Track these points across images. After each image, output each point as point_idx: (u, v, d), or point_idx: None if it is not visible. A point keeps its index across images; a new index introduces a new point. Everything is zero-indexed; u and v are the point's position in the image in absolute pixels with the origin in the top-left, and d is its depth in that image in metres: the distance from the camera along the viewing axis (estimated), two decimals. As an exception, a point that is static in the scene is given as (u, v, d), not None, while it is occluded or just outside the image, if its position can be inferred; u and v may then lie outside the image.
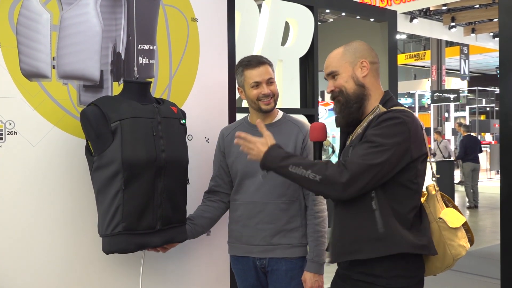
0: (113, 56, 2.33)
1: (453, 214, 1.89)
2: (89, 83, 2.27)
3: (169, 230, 2.18)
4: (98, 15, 2.29)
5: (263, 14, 4.66)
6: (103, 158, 2.05)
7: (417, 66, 24.85)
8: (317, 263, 2.30)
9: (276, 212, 2.32)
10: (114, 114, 2.06)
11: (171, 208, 2.17)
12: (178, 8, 2.54)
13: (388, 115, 1.77)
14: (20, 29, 2.10)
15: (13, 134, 2.08)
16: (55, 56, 2.17)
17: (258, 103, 2.33)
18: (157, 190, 2.11)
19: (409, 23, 15.87)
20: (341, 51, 1.95)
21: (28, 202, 2.11)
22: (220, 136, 2.51)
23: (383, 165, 1.71)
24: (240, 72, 2.37)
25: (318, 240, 2.31)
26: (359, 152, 1.74)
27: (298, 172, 1.77)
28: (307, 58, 4.62)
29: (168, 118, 2.19)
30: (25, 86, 2.11)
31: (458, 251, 1.85)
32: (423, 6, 13.84)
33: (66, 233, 2.20)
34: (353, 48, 1.94)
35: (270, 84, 2.34)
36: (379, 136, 1.74)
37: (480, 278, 4.41)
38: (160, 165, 2.10)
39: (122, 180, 2.03)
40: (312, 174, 1.74)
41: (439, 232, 1.85)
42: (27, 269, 2.10)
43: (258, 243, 2.34)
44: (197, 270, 2.59)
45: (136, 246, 2.10)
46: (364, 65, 1.91)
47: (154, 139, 2.10)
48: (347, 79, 1.90)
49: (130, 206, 2.05)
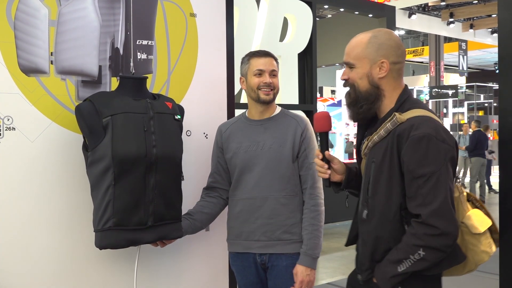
0: (111, 51, 2.32)
1: (478, 218, 1.76)
2: (87, 79, 2.26)
3: (162, 227, 2.16)
4: (96, 10, 2.28)
5: (261, 9, 4.66)
6: (96, 153, 2.05)
7: (415, 62, 24.84)
8: (310, 256, 2.28)
9: (276, 207, 2.31)
10: (106, 109, 2.06)
11: (164, 204, 2.15)
12: (177, 3, 2.53)
13: (415, 136, 1.64)
14: (18, 24, 2.09)
15: (11, 129, 2.07)
16: (53, 52, 2.16)
17: (257, 92, 2.33)
18: (148, 186, 2.10)
19: (407, 18, 15.84)
20: (365, 41, 1.79)
21: (27, 197, 2.11)
22: (217, 132, 2.50)
23: (447, 190, 1.62)
24: (246, 60, 2.39)
25: (313, 234, 2.29)
26: (417, 195, 1.64)
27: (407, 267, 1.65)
28: (305, 53, 4.62)
29: (161, 114, 2.18)
30: (23, 81, 2.10)
31: (480, 257, 1.74)
32: (422, 1, 13.83)
33: (63, 228, 2.20)
34: (378, 43, 1.78)
35: (273, 77, 2.35)
36: (421, 166, 1.63)
37: (478, 274, 4.41)
38: (151, 161, 2.09)
39: (113, 176, 2.03)
40: (416, 255, 1.63)
41: (462, 236, 1.73)
42: (24, 263, 2.10)
43: (258, 239, 2.33)
44: (195, 266, 2.59)
45: (127, 241, 2.09)
46: (383, 65, 1.77)
47: (145, 135, 2.09)
48: (361, 76, 1.79)
49: (120, 201, 2.04)
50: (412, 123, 1.67)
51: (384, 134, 1.73)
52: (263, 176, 2.32)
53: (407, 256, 1.64)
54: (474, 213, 1.76)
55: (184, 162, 2.33)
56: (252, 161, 2.32)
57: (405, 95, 1.80)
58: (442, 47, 20.85)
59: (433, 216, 1.60)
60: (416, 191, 1.64)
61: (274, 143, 2.34)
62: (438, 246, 1.62)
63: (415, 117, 1.69)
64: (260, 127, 2.38)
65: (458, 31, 18.04)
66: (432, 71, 20.64)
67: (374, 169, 1.75)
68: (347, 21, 10.05)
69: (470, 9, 16.25)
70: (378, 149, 1.75)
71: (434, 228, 1.60)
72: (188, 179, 2.49)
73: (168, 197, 2.17)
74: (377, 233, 1.74)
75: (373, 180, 1.76)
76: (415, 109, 1.74)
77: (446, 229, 1.60)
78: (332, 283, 5.04)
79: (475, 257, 1.74)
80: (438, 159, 1.63)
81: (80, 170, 2.20)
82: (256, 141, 2.36)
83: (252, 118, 2.42)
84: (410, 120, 1.68)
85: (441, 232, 1.60)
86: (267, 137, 2.35)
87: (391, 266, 1.68)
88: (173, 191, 2.21)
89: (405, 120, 1.69)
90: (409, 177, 1.66)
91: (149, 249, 2.34)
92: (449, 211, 1.62)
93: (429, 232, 1.61)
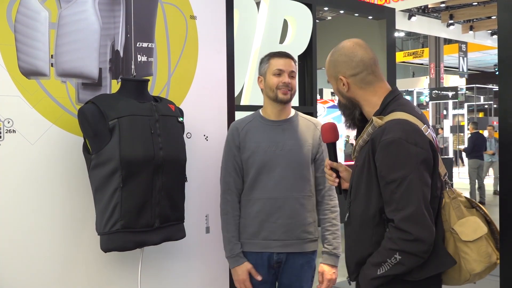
0: (111, 54, 2.32)
1: (471, 224, 1.70)
2: (87, 81, 2.26)
3: (167, 228, 2.19)
4: (96, 13, 2.28)
5: (261, 11, 4.66)
6: (101, 156, 2.05)
7: (415, 63, 24.85)
8: (335, 255, 2.38)
9: (296, 207, 2.35)
10: (112, 112, 2.06)
11: (169, 206, 2.17)
12: (177, 6, 2.53)
13: (385, 140, 1.64)
14: (18, 27, 2.09)
15: (12, 132, 2.07)
16: (54, 54, 2.17)
17: (276, 92, 2.36)
18: (155, 188, 2.11)
19: (407, 20, 15.85)
20: (327, 61, 1.87)
21: (27, 200, 2.10)
22: (233, 130, 2.46)
23: (419, 195, 1.60)
24: (266, 60, 2.42)
25: (336, 234, 2.39)
26: (391, 200, 1.63)
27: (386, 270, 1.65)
28: (305, 56, 4.62)
29: (166, 116, 2.19)
30: (23, 84, 2.10)
31: (473, 266, 1.67)
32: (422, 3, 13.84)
33: (64, 231, 2.19)
34: (333, 61, 1.84)
35: (292, 78, 2.39)
36: (392, 171, 1.62)
37: (478, 276, 4.40)
38: (158, 163, 2.10)
39: (120, 178, 2.03)
40: (393, 258, 1.63)
41: (454, 243, 1.69)
42: (26, 267, 2.10)
43: (278, 238, 2.35)
44: (197, 268, 2.59)
45: (134, 244, 2.10)
46: (342, 81, 1.81)
47: (152, 137, 2.10)
48: (336, 91, 1.87)
49: (128, 204, 2.05)
50: (384, 127, 1.66)
51: (367, 138, 1.75)
52: (284, 177, 2.35)
53: (385, 260, 1.65)
54: (470, 220, 1.71)
55: (184, 164, 2.34)
56: (272, 162, 2.34)
57: (390, 97, 1.78)
58: (442, 49, 20.86)
59: (405, 222, 1.60)
60: (390, 196, 1.64)
61: (294, 144, 2.38)
62: (412, 251, 1.61)
63: (390, 120, 1.68)
64: (278, 127, 2.40)
65: (458, 33, 18.05)
66: (432, 73, 20.64)
67: (356, 173, 1.78)
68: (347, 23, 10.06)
69: (470, 11, 16.26)
70: (361, 154, 1.78)
71: (407, 233, 1.60)
72: (189, 181, 2.49)
73: (173, 198, 2.19)
74: (358, 236, 1.76)
75: (355, 184, 1.78)
76: (397, 111, 1.72)
77: (419, 235, 1.59)
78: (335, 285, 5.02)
79: (467, 266, 1.67)
80: (408, 163, 1.61)
81: (80, 172, 2.20)
82: (276, 142, 2.38)
83: (268, 118, 2.43)
84: (385, 124, 1.68)
85: (414, 237, 1.59)
86: (286, 138, 2.38)
87: (371, 269, 1.70)
88: (178, 192, 2.23)
89: (383, 124, 1.69)
90: (382, 182, 1.66)
91: (152, 250, 2.34)
92: (422, 217, 1.60)
93: (402, 237, 1.61)
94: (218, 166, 2.52)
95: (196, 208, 2.57)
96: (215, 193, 2.56)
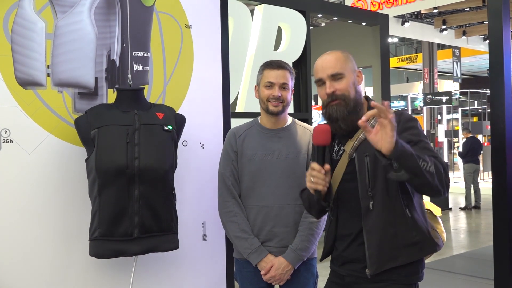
0: (107, 63, 2.34)
1: (431, 204, 2.06)
2: (84, 91, 2.28)
3: (150, 239, 2.14)
4: (92, 22, 2.30)
5: (255, 19, 4.68)
6: (88, 165, 2.12)
7: (409, 69, 24.93)
8: (298, 255, 2.30)
9: (292, 215, 2.34)
10: (96, 122, 2.09)
11: (150, 216, 2.12)
12: (172, 15, 2.56)
13: (408, 116, 1.89)
14: (14, 37, 2.11)
15: (9, 142, 2.09)
16: (50, 64, 2.18)
17: (267, 104, 2.36)
18: (132, 198, 2.09)
19: (400, 26, 15.92)
20: (343, 56, 1.93)
21: (24, 209, 2.11)
22: (231, 136, 2.45)
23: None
24: (261, 70, 2.41)
25: (308, 237, 2.32)
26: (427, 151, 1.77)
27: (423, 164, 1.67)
28: (300, 62, 4.65)
29: (148, 125, 2.16)
30: (20, 94, 2.12)
31: (443, 236, 1.96)
32: (414, 9, 13.90)
33: (61, 239, 2.20)
34: (348, 56, 1.96)
35: (283, 89, 2.36)
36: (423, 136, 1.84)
37: (474, 279, 4.43)
38: (133, 173, 2.08)
39: (97, 187, 2.06)
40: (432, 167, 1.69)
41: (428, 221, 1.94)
42: (21, 274, 2.11)
43: (274, 245, 2.34)
44: (193, 277, 2.59)
45: (113, 252, 2.10)
46: (359, 75, 1.97)
47: (128, 147, 2.09)
48: (350, 85, 1.90)
49: (104, 212, 2.07)
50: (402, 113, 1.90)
51: (363, 138, 1.85)
52: (280, 185, 2.34)
53: (426, 161, 1.68)
54: (427, 202, 2.03)
55: (180, 172, 2.34)
56: (268, 170, 2.33)
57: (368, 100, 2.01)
58: (436, 54, 20.94)
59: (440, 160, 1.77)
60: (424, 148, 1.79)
61: (290, 152, 2.37)
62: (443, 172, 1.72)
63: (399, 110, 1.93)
64: (274, 136, 2.40)
65: (451, 38, 18.12)
66: (426, 78, 20.71)
67: (370, 161, 1.83)
68: (341, 30, 10.11)
69: (463, 16, 16.33)
70: (369, 143, 1.73)
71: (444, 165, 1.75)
72: (185, 189, 2.50)
73: (154, 208, 2.14)
74: (385, 217, 1.82)
75: (371, 172, 1.84)
76: None
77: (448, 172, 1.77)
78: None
79: (442, 236, 1.95)
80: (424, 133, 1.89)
81: (77, 181, 2.21)
82: (272, 150, 2.38)
83: (265, 126, 2.44)
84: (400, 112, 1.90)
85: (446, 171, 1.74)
86: (282, 146, 2.38)
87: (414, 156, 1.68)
88: (160, 203, 2.16)
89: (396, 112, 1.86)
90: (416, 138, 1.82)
91: (147, 259, 2.35)
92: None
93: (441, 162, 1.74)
94: (214, 173, 2.49)
95: (193, 215, 2.57)
96: (211, 200, 2.57)
